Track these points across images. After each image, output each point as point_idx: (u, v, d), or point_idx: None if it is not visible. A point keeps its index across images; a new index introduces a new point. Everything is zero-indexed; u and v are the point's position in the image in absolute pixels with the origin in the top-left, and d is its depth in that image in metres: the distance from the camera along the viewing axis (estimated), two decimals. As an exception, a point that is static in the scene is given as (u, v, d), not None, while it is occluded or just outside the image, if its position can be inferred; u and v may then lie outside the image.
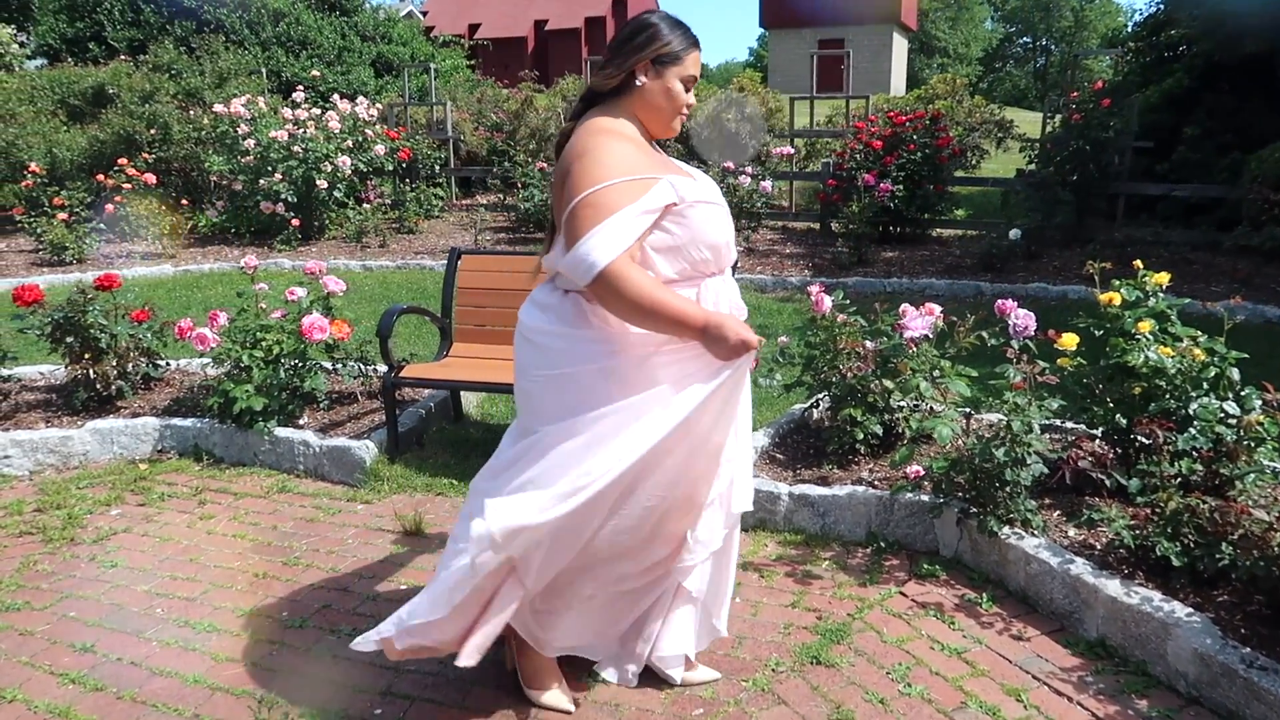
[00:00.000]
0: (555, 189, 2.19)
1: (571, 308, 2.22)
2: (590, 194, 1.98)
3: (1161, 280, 3.34)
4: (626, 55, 2.10)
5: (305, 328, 4.10)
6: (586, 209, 1.98)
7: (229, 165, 9.90)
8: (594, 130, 2.11)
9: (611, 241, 1.97)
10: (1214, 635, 2.46)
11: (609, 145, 2.04)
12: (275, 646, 2.80)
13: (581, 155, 2.04)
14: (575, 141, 2.12)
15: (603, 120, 2.14)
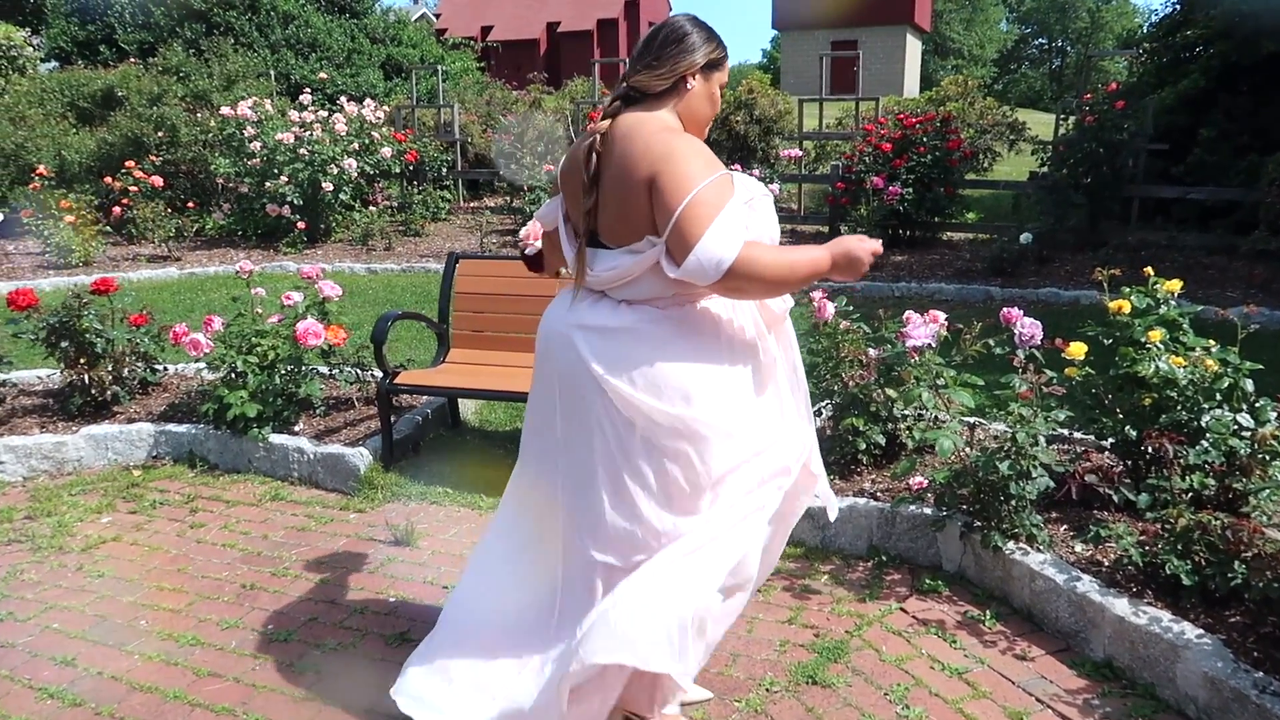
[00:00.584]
0: (620, 192, 1.95)
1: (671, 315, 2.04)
2: (698, 192, 1.87)
3: (1173, 287, 3.24)
4: (679, 58, 2.00)
5: (300, 333, 4.04)
6: (699, 208, 1.86)
7: (235, 168, 9.88)
8: (662, 129, 1.96)
9: (732, 233, 1.88)
10: (1225, 658, 2.37)
11: (690, 143, 1.94)
12: (258, 662, 2.73)
13: (668, 156, 1.88)
14: (647, 142, 1.92)
15: (661, 117, 2.01)
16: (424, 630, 2.84)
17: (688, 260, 1.86)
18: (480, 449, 4.28)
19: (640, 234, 1.95)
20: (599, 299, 2.08)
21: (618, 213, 1.98)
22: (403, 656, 2.71)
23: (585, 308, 2.08)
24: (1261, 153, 8.46)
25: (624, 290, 2.03)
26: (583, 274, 2.07)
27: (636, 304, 2.03)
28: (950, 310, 6.25)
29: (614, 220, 2.00)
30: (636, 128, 1.97)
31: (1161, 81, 9.96)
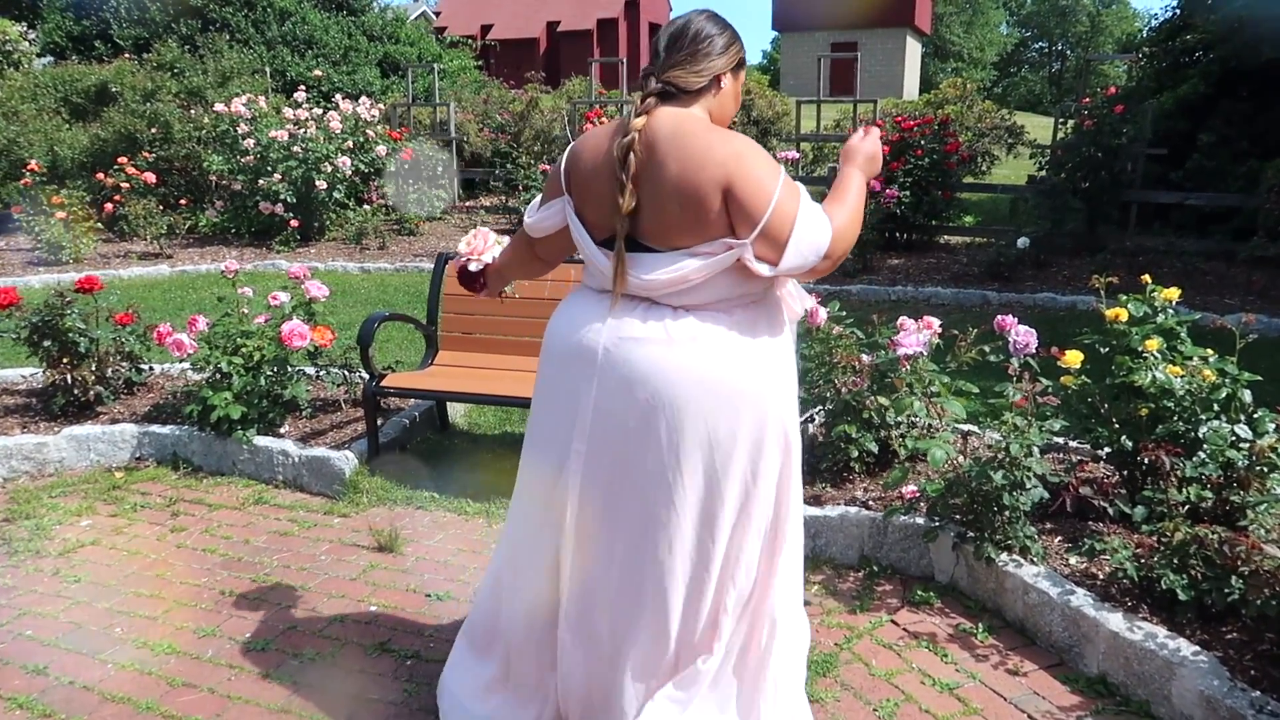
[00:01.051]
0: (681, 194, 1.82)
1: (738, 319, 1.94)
2: (783, 183, 1.85)
3: (1171, 295, 3.19)
4: (715, 56, 1.93)
5: (285, 335, 3.98)
6: (786, 204, 1.83)
7: (228, 165, 9.82)
8: (711, 128, 1.89)
9: (818, 216, 1.88)
10: (1221, 676, 2.31)
11: (748, 140, 1.89)
12: (234, 672, 2.67)
13: (739, 156, 1.81)
14: (709, 142, 1.82)
15: (699, 115, 1.93)
16: (405, 640, 2.81)
17: (787, 255, 1.84)
18: (468, 453, 4.22)
19: (707, 235, 1.84)
20: (649, 308, 1.91)
21: (677, 214, 1.83)
22: (382, 667, 2.67)
23: (635, 319, 1.91)
24: (1261, 158, 8.42)
25: (684, 295, 1.89)
26: (624, 280, 1.89)
27: (698, 309, 1.91)
28: (946, 315, 6.20)
29: (668, 222, 1.85)
30: (683, 126, 1.86)
31: (1161, 86, 9.92)
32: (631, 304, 1.93)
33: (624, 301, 1.93)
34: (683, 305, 1.91)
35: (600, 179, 1.91)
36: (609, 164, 1.87)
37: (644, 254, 1.89)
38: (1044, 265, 7.92)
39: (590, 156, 1.94)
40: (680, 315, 1.91)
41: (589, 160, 1.94)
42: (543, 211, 2.05)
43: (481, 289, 2.37)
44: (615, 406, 1.91)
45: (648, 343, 1.89)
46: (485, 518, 3.65)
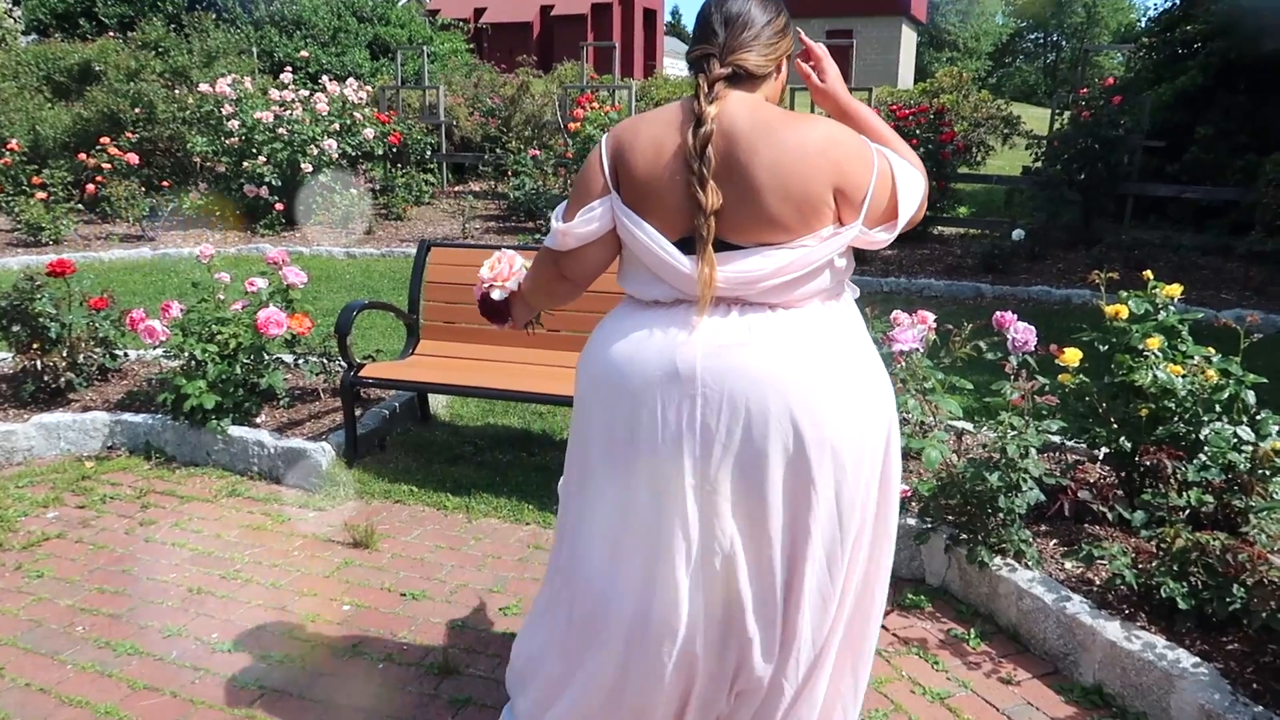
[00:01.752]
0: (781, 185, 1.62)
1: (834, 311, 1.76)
2: (874, 150, 1.72)
3: (1173, 292, 3.10)
4: (779, 41, 1.75)
5: (261, 322, 3.86)
6: (882, 159, 1.72)
7: (212, 146, 9.64)
8: (789, 112, 1.72)
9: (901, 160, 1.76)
10: (1223, 690, 2.23)
11: (817, 116, 1.75)
12: (198, 674, 2.57)
13: (834, 138, 1.65)
14: (800, 126, 1.64)
15: (765, 101, 1.76)
16: (378, 643, 2.70)
17: (901, 214, 1.71)
18: (450, 446, 4.11)
19: (811, 228, 1.64)
20: (742, 310, 1.68)
21: (777, 209, 1.62)
22: (353, 671, 2.57)
23: (730, 324, 1.67)
24: (1259, 153, 8.33)
25: (781, 292, 1.68)
26: (713, 283, 1.64)
27: (794, 305, 1.70)
28: (940, 308, 6.11)
29: (761, 217, 1.63)
30: (762, 113, 1.66)
31: (1159, 78, 9.82)
32: (714, 308, 1.69)
33: (710, 310, 1.69)
34: (777, 304, 1.69)
35: (667, 173, 1.66)
36: (678, 157, 1.64)
37: (731, 252, 1.66)
38: (1039, 258, 7.84)
39: (648, 148, 1.68)
40: (779, 314, 1.69)
41: (647, 152, 1.68)
42: (583, 216, 1.73)
43: (505, 321, 2.05)
44: (725, 426, 1.65)
45: (753, 347, 1.65)
46: (465, 513, 3.55)
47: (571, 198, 1.78)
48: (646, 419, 1.69)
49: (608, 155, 1.73)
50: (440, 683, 2.52)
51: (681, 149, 1.64)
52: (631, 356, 1.72)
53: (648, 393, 1.69)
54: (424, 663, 2.61)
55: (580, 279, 1.86)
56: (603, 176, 1.73)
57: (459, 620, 2.82)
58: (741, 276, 1.65)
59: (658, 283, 1.72)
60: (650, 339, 1.71)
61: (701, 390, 1.65)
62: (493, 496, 3.64)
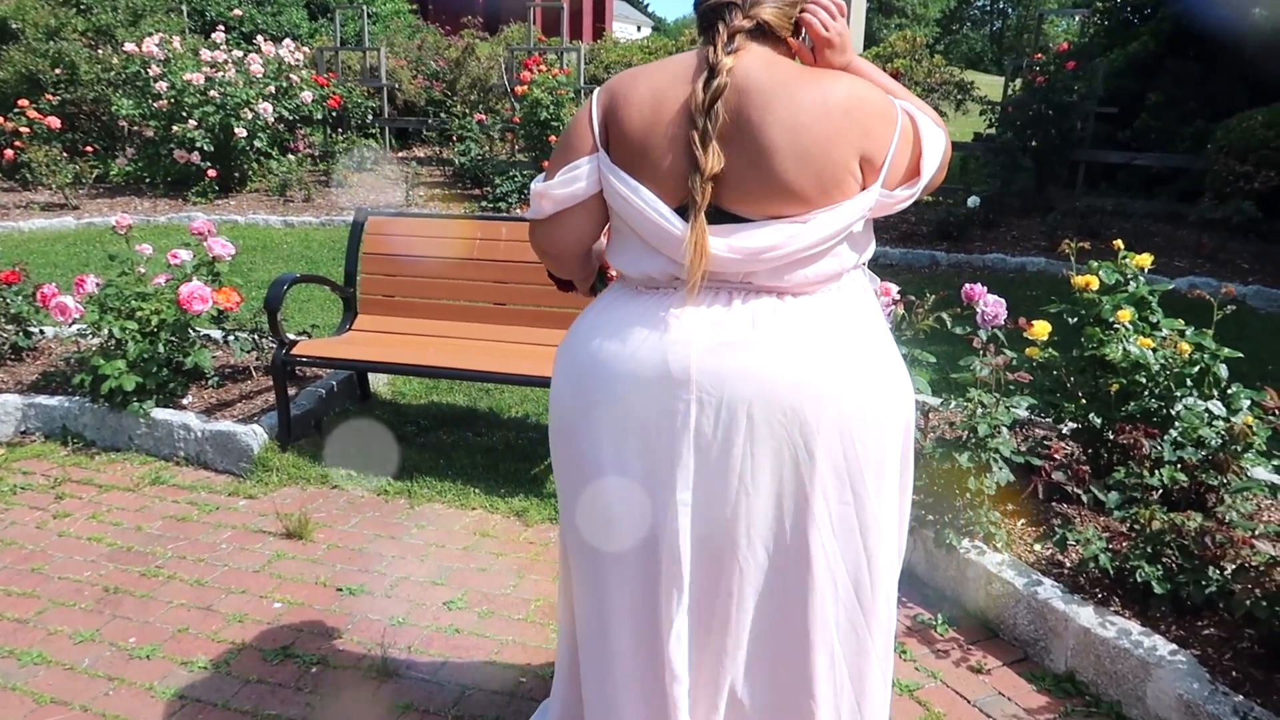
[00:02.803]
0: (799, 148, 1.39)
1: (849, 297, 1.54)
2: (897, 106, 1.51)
3: (1143, 262, 3.00)
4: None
5: (183, 298, 3.60)
6: (905, 116, 1.52)
7: (139, 109, 9.16)
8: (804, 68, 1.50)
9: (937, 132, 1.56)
10: (1201, 679, 2.14)
11: (838, 72, 1.53)
12: (113, 685, 2.35)
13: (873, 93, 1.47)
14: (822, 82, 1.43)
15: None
16: (311, 643, 2.51)
17: (924, 171, 1.51)
18: (391, 426, 3.89)
19: (832, 197, 1.42)
20: (745, 298, 1.47)
21: (794, 176, 1.40)
22: (283, 676, 2.38)
23: (733, 316, 1.46)
24: (1208, 119, 8.35)
25: (792, 272, 1.46)
26: (704, 259, 1.42)
27: (808, 293, 1.48)
28: (895, 276, 6.01)
29: (775, 184, 1.41)
30: (781, 69, 1.45)
31: (1112, 43, 9.80)
32: (715, 295, 1.47)
33: (705, 293, 1.47)
34: (787, 289, 1.47)
35: (667, 131, 1.44)
36: (682, 112, 1.42)
37: (738, 224, 1.43)
38: (993, 225, 7.78)
39: (646, 101, 1.45)
40: (788, 303, 1.47)
41: (644, 106, 1.45)
42: (564, 175, 1.50)
43: (570, 287, 1.81)
44: (724, 435, 1.44)
45: (758, 347, 1.43)
46: (407, 498, 3.35)
47: (554, 158, 1.55)
48: (633, 426, 1.48)
49: (599, 109, 1.50)
50: (379, 687, 2.34)
51: (686, 104, 1.42)
52: (617, 353, 1.49)
53: (636, 396, 1.47)
54: (361, 665, 2.43)
55: (561, 254, 1.62)
56: (591, 133, 1.50)
57: (400, 617, 2.64)
58: (750, 249, 1.42)
59: (651, 255, 1.49)
60: (639, 332, 1.48)
61: (697, 394, 1.43)
62: (436, 480, 3.44)
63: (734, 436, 1.43)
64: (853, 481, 1.48)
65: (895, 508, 1.58)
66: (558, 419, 1.61)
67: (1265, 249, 6.86)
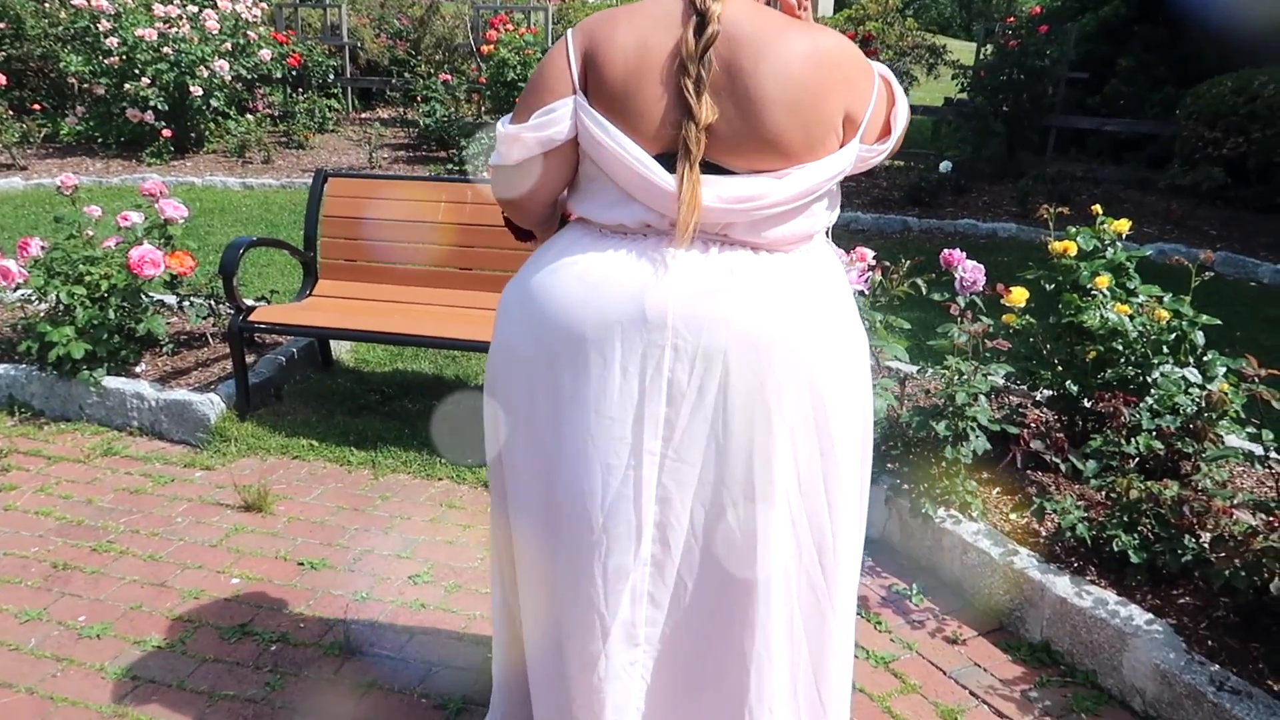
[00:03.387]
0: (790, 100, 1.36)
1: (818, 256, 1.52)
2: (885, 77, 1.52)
3: (1121, 228, 2.95)
4: None
5: (133, 262, 3.45)
6: (880, 72, 1.53)
7: (89, 66, 8.80)
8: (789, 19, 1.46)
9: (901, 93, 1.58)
10: (1178, 648, 2.12)
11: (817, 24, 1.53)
12: (61, 666, 2.26)
13: (853, 48, 1.46)
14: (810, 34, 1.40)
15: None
16: (271, 620, 2.43)
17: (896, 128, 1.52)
18: (354, 394, 3.78)
19: (815, 152, 1.40)
20: (721, 248, 1.43)
21: (782, 123, 1.36)
22: (241, 655, 2.29)
23: (711, 264, 1.41)
24: (1177, 85, 8.34)
25: (772, 225, 1.42)
26: (697, 210, 1.37)
27: (782, 250, 1.46)
28: (868, 241, 5.94)
29: (763, 135, 1.37)
30: (766, 17, 1.41)
31: (1083, 7, 9.74)
32: (692, 244, 1.42)
33: (687, 249, 1.42)
34: (762, 245, 1.44)
35: (653, 78, 1.38)
36: (670, 59, 1.37)
37: (721, 175, 1.39)
38: (964, 191, 7.73)
39: (630, 46, 1.38)
40: (763, 257, 1.44)
41: (628, 51, 1.38)
42: (540, 119, 1.42)
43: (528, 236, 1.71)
44: (698, 383, 1.39)
45: (735, 294, 1.40)
46: (371, 469, 3.26)
47: (524, 99, 1.45)
48: (598, 373, 1.41)
49: (576, 50, 1.42)
50: (341, 665, 2.27)
51: (673, 51, 1.37)
52: (586, 296, 1.42)
53: (606, 341, 1.40)
54: (323, 642, 2.35)
55: (529, 203, 1.53)
56: (569, 74, 1.42)
57: (363, 592, 2.56)
58: (736, 198, 1.38)
59: (626, 203, 1.43)
60: (613, 275, 1.42)
61: (673, 340, 1.38)
62: (401, 450, 3.35)
63: (708, 385, 1.40)
64: (821, 440, 1.45)
65: (859, 472, 1.56)
66: (508, 369, 1.53)
67: (1233, 215, 6.88)
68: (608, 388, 1.41)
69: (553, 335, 1.45)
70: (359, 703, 2.14)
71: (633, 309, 1.39)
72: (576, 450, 1.44)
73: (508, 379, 1.53)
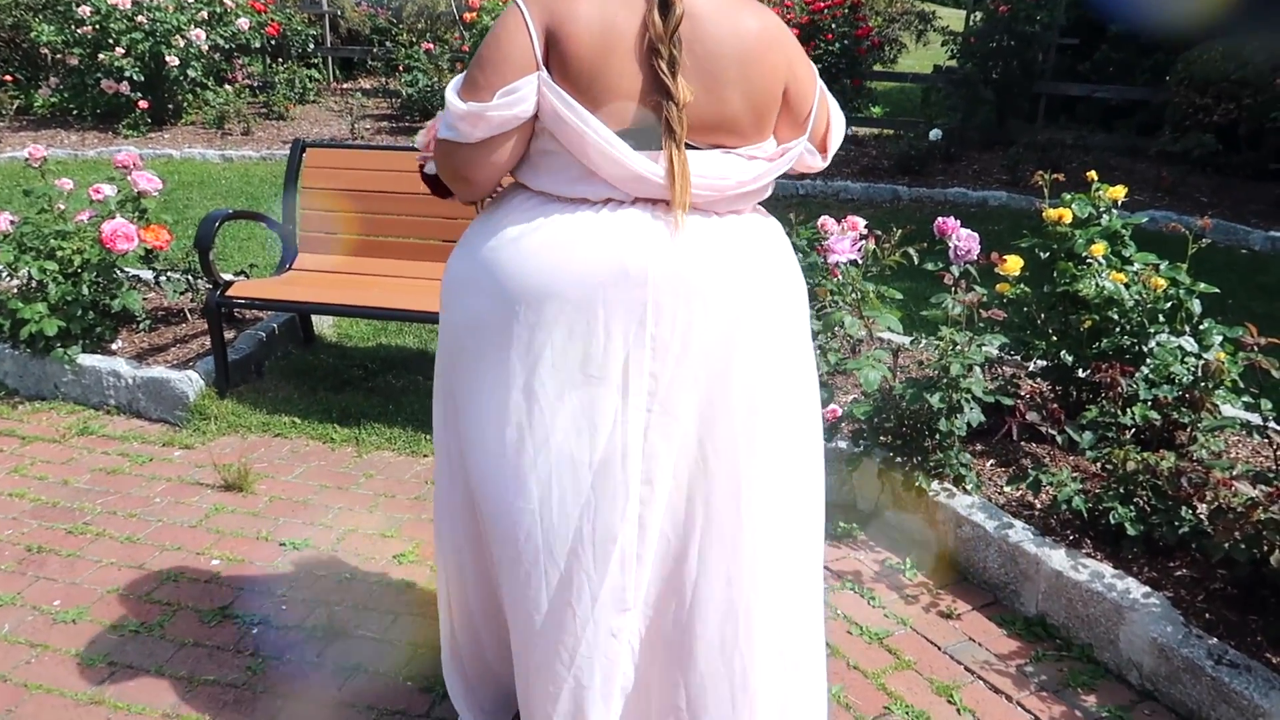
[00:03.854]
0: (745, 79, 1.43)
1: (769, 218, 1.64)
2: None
3: (1117, 195, 2.90)
4: None
5: (106, 236, 3.35)
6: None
7: (62, 36, 8.61)
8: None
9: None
10: (1175, 622, 2.09)
11: None
12: (35, 652, 2.20)
13: (786, 31, 1.52)
14: (758, 11, 1.46)
15: None
16: (252, 602, 2.37)
17: (831, 141, 1.64)
18: (337, 370, 3.71)
19: (762, 132, 1.50)
20: (703, 218, 1.47)
21: (737, 102, 1.43)
22: (221, 638, 2.24)
23: (692, 230, 1.44)
24: (1168, 52, 8.25)
25: (733, 202, 1.50)
26: (688, 189, 1.41)
27: (733, 212, 1.52)
28: (858, 210, 5.88)
29: (724, 113, 1.43)
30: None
31: (1073, -28, 9.61)
32: (653, 208, 1.44)
33: (643, 208, 1.43)
34: (714, 210, 1.49)
35: (620, 58, 1.37)
36: (637, 39, 1.37)
37: (691, 152, 1.43)
38: (954, 159, 7.66)
39: (594, 24, 1.37)
40: (716, 220, 1.49)
41: (594, 29, 1.37)
42: (505, 98, 1.37)
43: (446, 196, 1.68)
44: (680, 338, 1.43)
45: (706, 252, 1.45)
46: (354, 446, 3.19)
47: (482, 73, 1.40)
48: (582, 334, 1.42)
49: (536, 24, 1.38)
50: (325, 648, 2.22)
51: (640, 31, 1.38)
52: (562, 261, 1.42)
53: (589, 302, 1.41)
54: (305, 625, 2.30)
55: (483, 181, 1.50)
56: (532, 49, 1.38)
57: (347, 572, 2.51)
58: (716, 175, 1.45)
59: (589, 179, 1.43)
60: (587, 239, 1.42)
61: (654, 298, 1.41)
62: (385, 426, 3.29)
63: (690, 340, 1.43)
64: (787, 388, 1.54)
65: (819, 429, 1.64)
66: (476, 340, 1.50)
67: (1224, 182, 6.84)
68: (592, 349, 1.42)
69: (530, 302, 1.43)
70: (343, 687, 2.10)
71: (614, 269, 1.40)
72: (562, 412, 1.44)
73: (476, 350, 1.51)
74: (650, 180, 1.40)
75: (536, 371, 1.44)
